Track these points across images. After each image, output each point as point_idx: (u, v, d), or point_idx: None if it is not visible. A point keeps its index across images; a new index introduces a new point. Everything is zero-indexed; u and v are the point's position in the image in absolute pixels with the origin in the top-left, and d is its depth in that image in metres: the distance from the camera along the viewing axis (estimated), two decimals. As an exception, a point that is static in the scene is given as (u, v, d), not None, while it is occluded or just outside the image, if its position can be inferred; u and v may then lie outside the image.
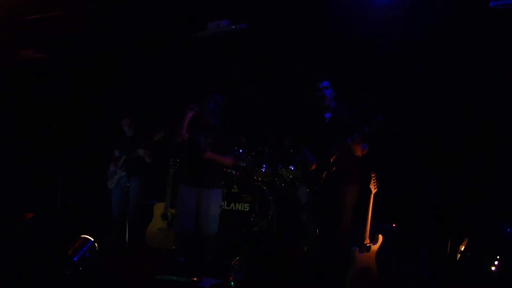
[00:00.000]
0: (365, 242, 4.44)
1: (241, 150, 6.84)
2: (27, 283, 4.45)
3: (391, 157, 5.90)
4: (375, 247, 4.49)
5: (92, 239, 4.95)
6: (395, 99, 6.01)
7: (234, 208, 6.70)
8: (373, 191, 4.49)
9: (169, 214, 6.05)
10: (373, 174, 4.51)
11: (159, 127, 5.89)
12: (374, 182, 4.49)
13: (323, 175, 4.64)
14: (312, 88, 4.76)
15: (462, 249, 4.68)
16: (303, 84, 6.43)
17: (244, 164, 6.83)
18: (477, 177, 5.48)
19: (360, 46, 6.13)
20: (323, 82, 4.71)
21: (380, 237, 4.52)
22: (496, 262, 4.47)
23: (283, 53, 6.81)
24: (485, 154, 5.48)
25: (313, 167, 4.74)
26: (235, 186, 6.77)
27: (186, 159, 5.34)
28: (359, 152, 4.55)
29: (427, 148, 5.87)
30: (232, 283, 4.38)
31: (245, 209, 6.65)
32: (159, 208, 6.16)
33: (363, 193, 4.58)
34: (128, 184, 6.16)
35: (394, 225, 5.33)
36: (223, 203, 5.79)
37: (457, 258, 4.67)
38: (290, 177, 6.71)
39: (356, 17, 5.87)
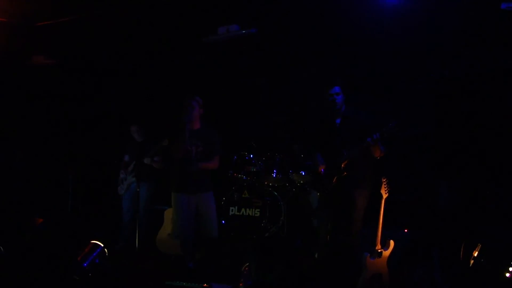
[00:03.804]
0: (377, 248, 4.39)
1: (251, 155, 6.82)
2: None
3: (403, 162, 5.85)
4: (386, 253, 4.44)
5: (102, 245, 4.96)
6: (406, 103, 5.96)
7: (244, 214, 6.68)
8: (384, 196, 4.44)
9: (179, 219, 6.03)
10: (384, 179, 4.46)
11: (167, 132, 5.87)
12: (385, 187, 4.45)
13: (334, 180, 4.61)
14: (323, 93, 4.74)
15: (476, 254, 4.60)
16: (314, 89, 6.40)
17: (254, 169, 6.80)
18: (490, 181, 5.40)
19: (371, 49, 6.09)
20: (334, 88, 4.69)
21: (392, 242, 4.47)
22: (510, 269, 4.39)
23: (294, 58, 6.79)
24: (499, 157, 5.41)
25: (321, 168, 4.72)
26: (245, 191, 6.75)
27: (181, 168, 5.30)
28: (378, 153, 4.51)
29: (439, 152, 5.80)
30: (241, 289, 4.36)
31: (255, 214, 6.63)
32: (169, 214, 6.14)
33: (374, 198, 4.54)
34: (138, 190, 6.15)
35: (406, 230, 5.27)
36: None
37: (471, 264, 4.60)
38: (301, 182, 6.67)
39: (366, 20, 5.83)
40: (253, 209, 6.64)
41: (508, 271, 4.39)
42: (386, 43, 5.95)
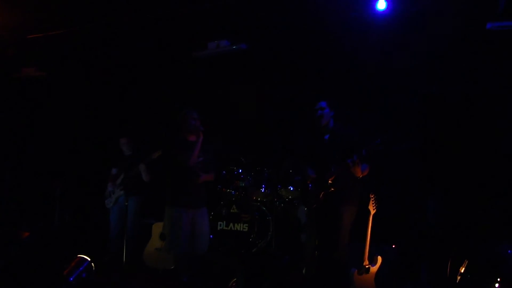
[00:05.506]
0: (364, 264, 4.40)
1: (240, 170, 6.82)
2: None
3: (390, 177, 5.88)
4: (374, 269, 4.45)
5: (89, 259, 4.92)
6: (394, 118, 6.01)
7: (233, 228, 6.65)
8: (372, 212, 4.47)
9: (167, 234, 6.00)
10: (371, 195, 4.50)
11: (157, 145, 5.86)
12: (373, 203, 4.47)
13: (321, 196, 4.63)
14: (310, 109, 4.79)
15: (462, 271, 4.63)
16: (303, 106, 6.45)
17: (243, 184, 6.80)
18: (477, 196, 5.45)
19: (358, 65, 6.16)
20: (320, 103, 4.74)
21: (379, 258, 4.48)
22: (497, 285, 4.41)
23: (283, 73, 6.83)
24: (486, 172, 5.46)
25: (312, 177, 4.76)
26: (234, 206, 6.73)
27: (183, 181, 5.28)
28: (359, 174, 4.54)
29: (426, 167, 5.85)
30: (229, 305, 4.34)
31: (244, 229, 6.60)
32: (157, 228, 6.12)
33: (362, 214, 4.55)
34: (126, 203, 6.11)
35: (393, 246, 5.28)
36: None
37: (457, 280, 4.62)
38: (290, 197, 6.68)
39: (354, 37, 5.91)
40: (242, 224, 6.62)
41: (495, 287, 4.42)
42: (375, 59, 6.01)
